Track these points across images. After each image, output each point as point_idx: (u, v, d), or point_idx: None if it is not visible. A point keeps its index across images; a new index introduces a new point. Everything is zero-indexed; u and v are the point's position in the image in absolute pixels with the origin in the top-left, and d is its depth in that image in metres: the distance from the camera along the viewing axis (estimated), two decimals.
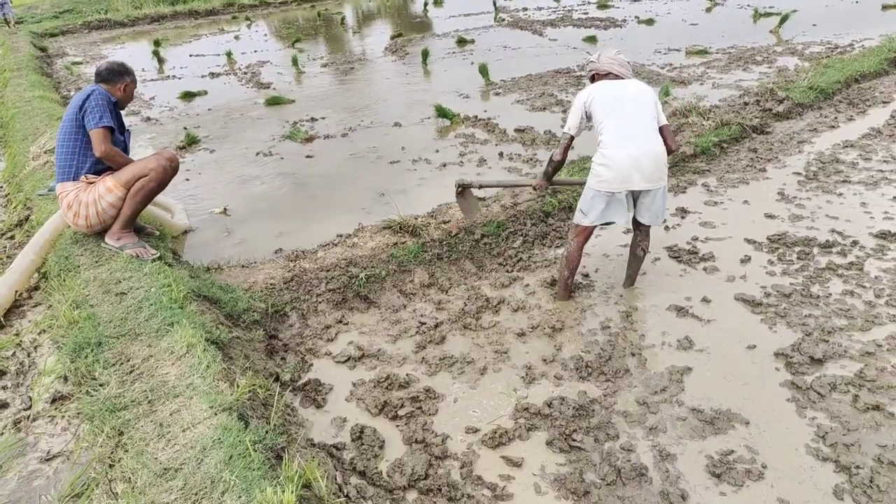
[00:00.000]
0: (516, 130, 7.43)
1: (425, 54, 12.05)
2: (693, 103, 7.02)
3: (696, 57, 10.70)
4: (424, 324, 3.95)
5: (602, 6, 18.31)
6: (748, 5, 15.89)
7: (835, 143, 6.24)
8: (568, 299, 4.09)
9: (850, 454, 2.71)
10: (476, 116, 8.05)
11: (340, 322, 4.09)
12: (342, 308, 4.23)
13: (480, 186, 4.84)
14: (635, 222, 3.82)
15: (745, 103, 7.18)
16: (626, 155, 3.43)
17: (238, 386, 2.71)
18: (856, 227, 4.63)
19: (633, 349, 3.54)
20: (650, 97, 3.61)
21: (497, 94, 9.33)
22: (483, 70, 10.04)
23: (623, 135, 3.46)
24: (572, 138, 3.75)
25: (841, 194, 5.16)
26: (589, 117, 3.66)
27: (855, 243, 4.39)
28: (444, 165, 6.55)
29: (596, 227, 3.77)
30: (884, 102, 7.36)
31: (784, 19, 12.21)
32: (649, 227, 3.84)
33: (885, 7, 13.62)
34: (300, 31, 18.04)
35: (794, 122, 7.02)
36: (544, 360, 3.53)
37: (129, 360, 2.81)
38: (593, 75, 3.84)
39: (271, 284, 4.27)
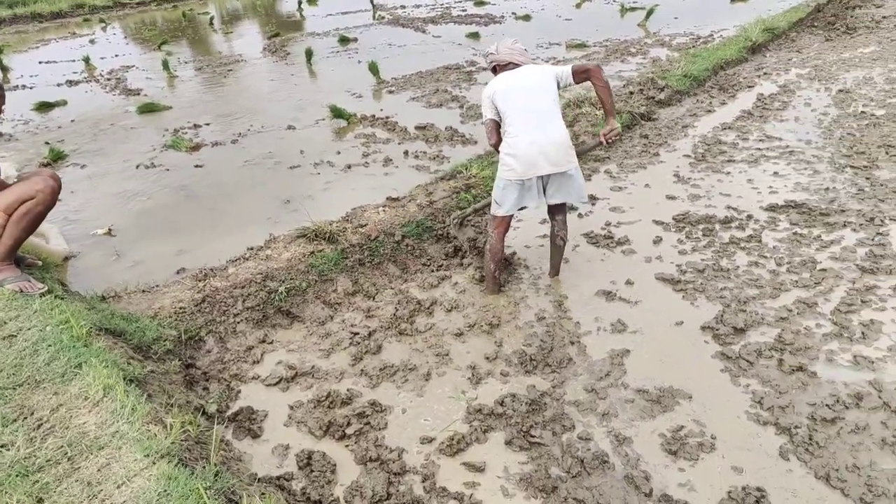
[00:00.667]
0: (417, 128, 7.36)
1: (309, 54, 11.68)
2: (583, 94, 7.28)
3: (576, 50, 11.16)
4: (357, 334, 3.78)
5: (479, 3, 18.66)
6: (614, 0, 16.83)
7: (714, 126, 6.72)
8: (498, 293, 4.10)
9: (787, 415, 2.90)
10: (374, 116, 7.88)
11: (264, 342, 3.83)
12: (264, 326, 3.95)
13: (475, 212, 4.73)
14: (550, 211, 3.94)
15: (631, 92, 7.56)
16: (529, 142, 3.51)
17: (170, 427, 2.42)
18: (747, 202, 4.99)
19: (572, 337, 3.58)
20: (547, 78, 3.64)
21: (391, 91, 9.21)
22: (373, 68, 9.87)
23: (526, 123, 3.53)
24: (494, 121, 3.75)
25: (728, 173, 5.55)
26: (497, 112, 3.72)
27: (749, 217, 4.74)
28: (349, 167, 6.35)
29: (512, 216, 3.84)
30: (748, 87, 8.04)
31: (650, 13, 13.03)
32: (565, 216, 3.95)
33: (733, 0, 14.93)
34: (165, 33, 16.87)
35: (676, 108, 7.50)
36: (487, 358, 3.48)
37: (33, 414, 2.42)
38: (494, 66, 3.88)
39: (180, 308, 3.91)
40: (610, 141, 3.82)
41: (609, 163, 6.06)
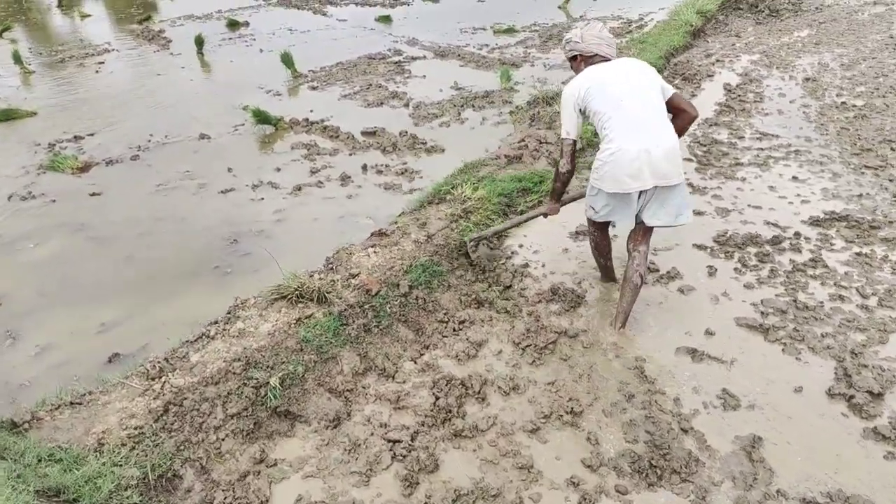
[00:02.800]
0: (366, 134, 6.35)
1: (200, 42, 10.13)
2: (559, 91, 6.59)
3: (506, 36, 10.48)
4: (397, 442, 2.83)
5: None
6: None
7: (699, 123, 6.27)
8: (615, 279, 3.79)
9: None
10: (307, 119, 6.74)
11: (263, 462, 2.79)
12: (257, 438, 2.90)
13: (494, 235, 4.20)
14: (634, 238, 3.38)
15: None
16: (637, 150, 2.99)
17: None
18: (784, 215, 4.52)
19: (681, 422, 2.86)
20: (652, 77, 3.16)
21: (314, 88, 8.04)
22: (287, 59, 8.62)
23: (632, 127, 3.02)
24: (575, 143, 3.28)
25: (744, 179, 5.08)
26: (584, 113, 3.18)
27: (798, 235, 4.25)
28: (299, 189, 5.25)
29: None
30: (708, 76, 7.73)
31: None
32: (648, 245, 3.40)
33: None
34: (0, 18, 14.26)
35: None
36: (589, 467, 2.67)
37: None
38: (574, 57, 3.33)
39: (136, 430, 2.76)
40: None
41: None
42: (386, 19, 12.24)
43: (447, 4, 13.92)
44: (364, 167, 5.58)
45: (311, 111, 7.08)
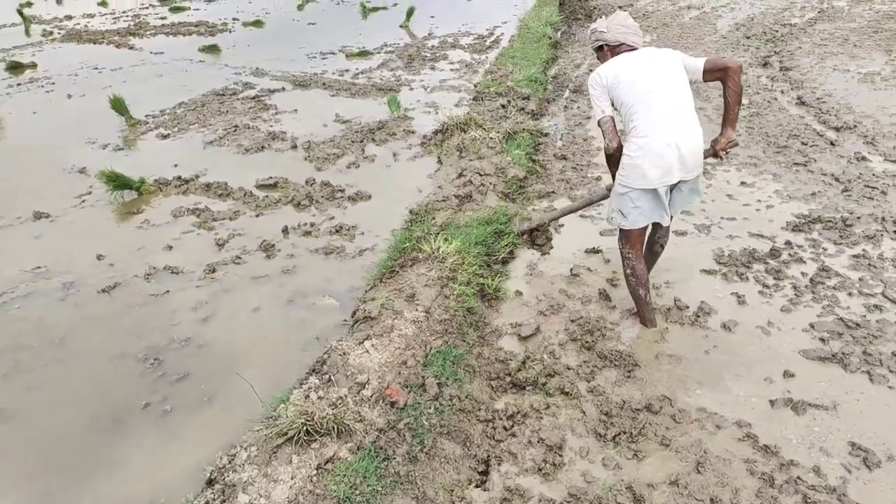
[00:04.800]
0: (264, 187, 5.32)
1: None
2: (470, 115, 6.04)
3: (361, 59, 9.78)
4: None
5: (175, 9, 15.77)
6: (342, 1, 15.70)
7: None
8: (656, 324, 3.41)
9: None
10: (179, 177, 5.50)
11: None
12: None
13: (551, 221, 3.98)
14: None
15: (503, 105, 6.56)
16: (666, 144, 2.95)
17: None
18: (760, 224, 4.40)
19: (841, 499, 2.43)
20: (679, 66, 3.06)
21: (164, 136, 6.69)
22: (118, 104, 7.12)
23: (661, 120, 2.96)
24: (612, 118, 3.13)
25: (706, 192, 4.93)
26: (612, 103, 3.10)
27: (789, 244, 4.13)
28: (213, 270, 4.13)
29: (646, 227, 3.26)
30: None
31: (410, 13, 12.23)
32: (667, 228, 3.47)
33: None
34: None
35: (554, 118, 6.75)
36: None
37: None
38: (601, 47, 3.26)
39: None
40: (726, 154, 3.22)
41: (556, 196, 4.97)
42: (213, 49, 10.88)
43: (273, 30, 12.84)
44: (285, 230, 4.58)
45: (176, 165, 5.82)
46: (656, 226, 3.41)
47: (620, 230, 3.28)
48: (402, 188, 5.18)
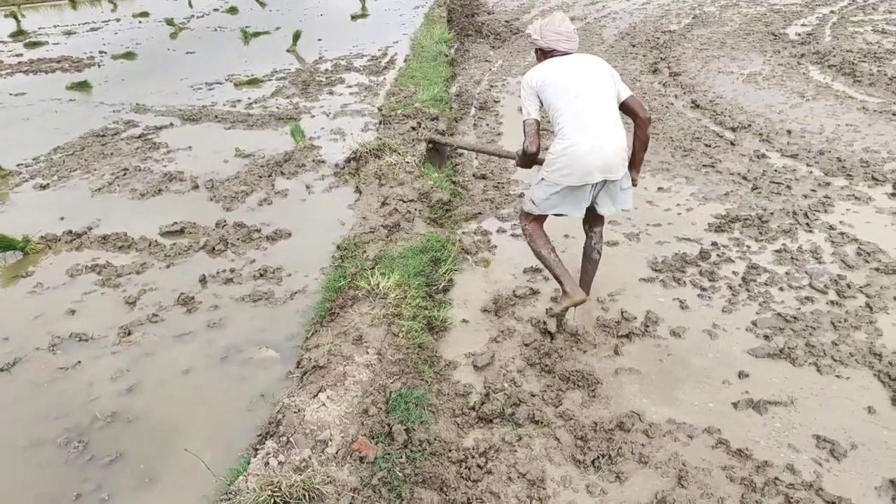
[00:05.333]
0: (170, 234, 4.99)
1: None
2: (383, 140, 5.95)
3: (251, 88, 9.46)
4: None
5: (31, 44, 14.64)
6: (221, 28, 15.19)
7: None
8: (572, 290, 3.34)
9: None
10: (70, 231, 5.04)
11: None
12: None
13: (456, 147, 4.23)
14: (588, 221, 3.60)
15: (413, 128, 6.53)
16: (589, 146, 3.11)
17: None
18: (683, 227, 4.61)
19: (820, 493, 2.54)
20: (608, 74, 3.28)
21: (43, 186, 6.13)
22: None
23: (585, 123, 3.13)
24: (538, 122, 3.32)
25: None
26: (541, 103, 3.28)
27: (715, 244, 4.35)
28: (129, 333, 3.79)
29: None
30: (495, 101, 7.87)
31: (298, 37, 11.98)
32: (602, 224, 3.67)
33: (353, 17, 15.00)
34: None
35: (466, 137, 6.79)
36: None
37: None
38: (536, 51, 3.46)
39: None
40: None
41: (484, 218, 4.99)
42: (83, 86, 10.15)
43: (148, 61, 12.17)
44: (202, 280, 4.28)
45: (63, 218, 5.34)
46: (592, 234, 3.63)
47: (523, 211, 3.52)
48: (323, 222, 5.00)
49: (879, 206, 4.67)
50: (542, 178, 3.31)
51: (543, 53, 3.39)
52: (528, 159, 3.49)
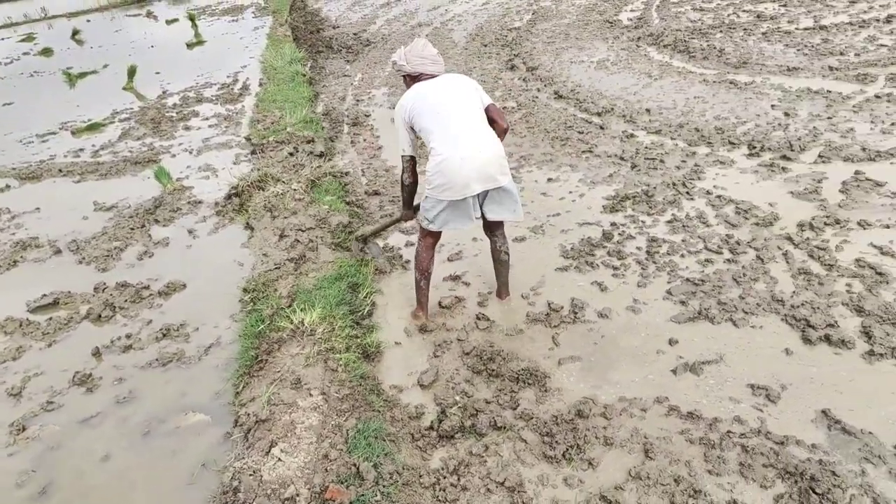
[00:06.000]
0: (44, 309, 4.53)
1: None
2: (264, 171, 5.72)
3: (92, 134, 8.74)
4: None
5: None
6: (41, 72, 13.89)
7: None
8: (426, 318, 3.80)
9: None
10: None
11: None
12: None
13: (369, 235, 4.49)
14: (487, 226, 3.71)
15: (290, 153, 6.34)
16: (461, 159, 3.23)
17: None
18: (581, 212, 4.86)
19: (779, 438, 2.79)
20: (473, 88, 3.43)
21: None
22: None
23: (455, 138, 3.25)
24: (413, 158, 3.52)
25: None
26: (413, 130, 3.42)
27: (614, 225, 4.62)
28: (23, 429, 3.40)
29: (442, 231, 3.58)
30: (366, 115, 7.85)
31: (132, 73, 11.21)
32: (502, 226, 3.74)
33: (189, 45, 14.29)
34: None
35: (346, 155, 6.72)
36: None
37: None
38: (404, 76, 3.59)
39: None
40: None
41: (388, 235, 4.96)
42: None
43: None
44: (96, 352, 3.90)
45: None
46: (494, 238, 3.74)
47: (421, 227, 3.62)
48: (218, 266, 4.74)
49: (742, 167, 5.19)
50: (426, 196, 3.43)
51: (412, 78, 3.50)
52: (407, 192, 3.67)
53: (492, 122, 3.42)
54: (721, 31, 8.96)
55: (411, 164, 3.52)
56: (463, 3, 14.37)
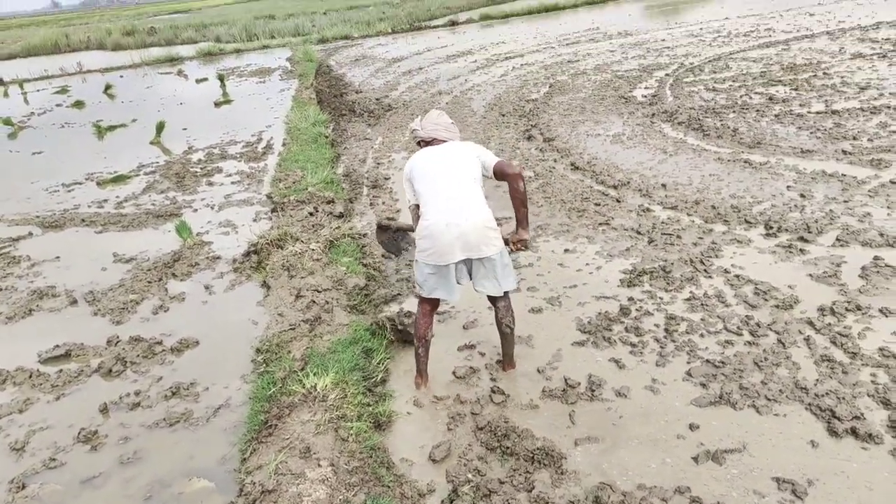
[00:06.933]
0: (54, 361, 4.51)
1: None
2: (284, 229, 5.73)
3: (118, 186, 8.88)
4: None
5: None
6: (72, 123, 14.24)
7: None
8: (424, 384, 3.77)
9: None
10: None
11: None
12: None
13: (398, 230, 4.32)
14: (490, 298, 3.66)
15: (310, 213, 6.37)
16: (445, 224, 3.30)
17: None
18: (598, 285, 4.78)
19: None
20: (469, 156, 3.49)
21: None
22: None
23: (441, 204, 3.34)
24: (417, 206, 3.58)
25: (530, 265, 5.25)
26: (414, 190, 3.55)
27: (631, 300, 4.55)
28: (22, 487, 3.29)
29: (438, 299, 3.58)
30: (385, 178, 7.92)
31: (161, 128, 11.47)
32: (507, 300, 3.66)
33: (217, 104, 14.65)
34: None
35: (365, 217, 6.73)
36: None
37: None
38: (419, 141, 3.74)
39: None
40: (517, 248, 3.60)
41: (404, 300, 4.90)
42: None
43: None
44: (104, 409, 3.80)
45: None
46: (496, 309, 3.67)
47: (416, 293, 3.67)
48: (233, 324, 4.68)
49: (760, 247, 5.12)
50: (416, 260, 3.50)
51: (426, 143, 3.67)
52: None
53: (502, 175, 3.43)
54: (734, 112, 9.07)
55: (415, 211, 3.61)
56: (482, 74, 14.72)
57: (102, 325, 4.87)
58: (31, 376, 4.21)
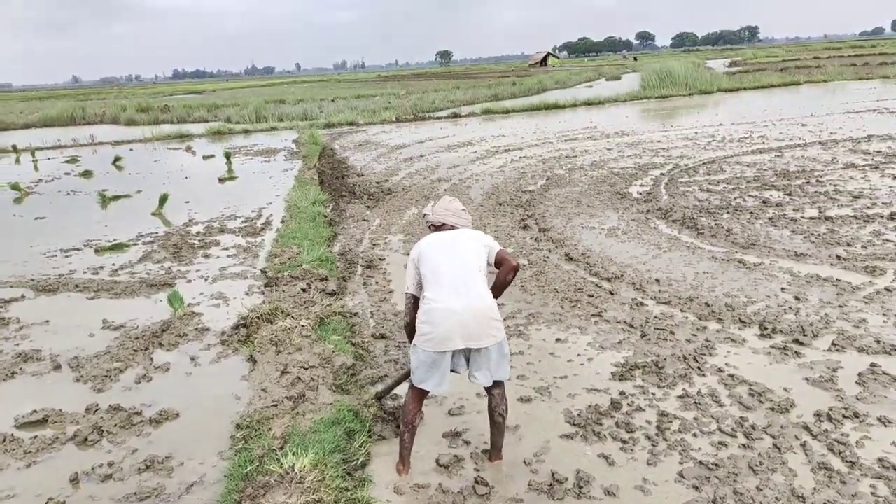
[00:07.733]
0: (30, 426, 4.35)
1: None
2: (275, 304, 5.71)
3: (115, 254, 8.89)
4: None
5: None
6: (78, 191, 14.45)
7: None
8: (405, 471, 3.63)
9: None
10: None
11: None
12: None
13: (396, 384, 4.25)
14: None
15: (303, 290, 6.36)
16: (446, 310, 3.29)
17: None
18: (589, 378, 4.72)
19: None
20: (476, 243, 3.54)
21: None
22: None
23: (445, 289, 3.34)
24: (415, 297, 3.60)
25: (526, 350, 5.19)
26: (420, 273, 3.54)
27: (623, 394, 4.47)
28: None
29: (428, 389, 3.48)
30: (380, 259, 7.97)
31: (164, 200, 11.65)
32: (502, 389, 3.62)
33: (221, 179, 14.94)
34: None
35: (357, 296, 6.72)
36: None
37: None
38: (430, 226, 3.81)
39: None
40: None
41: (391, 380, 4.81)
42: None
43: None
44: (74, 479, 3.65)
45: None
46: (490, 396, 3.60)
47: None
48: (215, 398, 4.57)
49: (754, 347, 5.09)
50: (414, 344, 3.46)
51: (436, 228, 3.73)
52: (407, 331, 3.70)
53: (500, 263, 3.51)
54: (728, 213, 9.26)
55: (412, 302, 3.62)
56: (481, 164, 15.10)
57: (83, 391, 4.75)
58: (3, 441, 4.07)
